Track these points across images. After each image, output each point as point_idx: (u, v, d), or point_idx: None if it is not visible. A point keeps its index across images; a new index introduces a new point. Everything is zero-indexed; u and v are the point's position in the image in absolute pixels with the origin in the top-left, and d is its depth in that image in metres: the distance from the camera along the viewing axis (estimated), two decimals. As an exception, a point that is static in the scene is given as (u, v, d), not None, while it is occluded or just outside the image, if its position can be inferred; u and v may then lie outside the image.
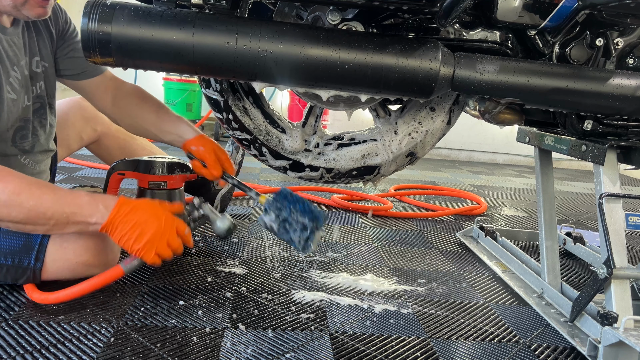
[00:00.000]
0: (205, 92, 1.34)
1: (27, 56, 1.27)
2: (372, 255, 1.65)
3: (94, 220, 1.08)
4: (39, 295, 1.12)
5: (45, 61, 1.33)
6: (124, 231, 1.09)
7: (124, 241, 1.09)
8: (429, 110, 1.38)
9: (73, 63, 1.40)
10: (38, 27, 1.30)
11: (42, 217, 1.04)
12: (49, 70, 1.35)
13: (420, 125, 1.38)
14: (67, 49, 1.39)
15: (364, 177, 1.44)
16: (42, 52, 1.32)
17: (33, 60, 1.29)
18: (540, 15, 1.12)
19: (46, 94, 1.35)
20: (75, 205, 1.07)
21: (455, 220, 2.23)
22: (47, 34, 1.33)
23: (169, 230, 1.11)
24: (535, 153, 1.49)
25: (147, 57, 1.03)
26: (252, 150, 1.43)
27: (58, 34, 1.36)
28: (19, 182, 1.04)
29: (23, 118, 1.28)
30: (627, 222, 1.18)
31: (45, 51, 1.32)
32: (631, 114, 1.15)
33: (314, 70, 1.05)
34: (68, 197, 1.08)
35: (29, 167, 1.34)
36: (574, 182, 3.89)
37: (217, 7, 1.06)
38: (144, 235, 1.09)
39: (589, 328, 1.15)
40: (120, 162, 1.50)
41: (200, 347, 1.01)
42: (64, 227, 1.08)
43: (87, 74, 1.42)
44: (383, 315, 1.22)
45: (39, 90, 1.32)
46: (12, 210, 1.02)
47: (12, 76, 1.20)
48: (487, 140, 4.73)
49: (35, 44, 1.30)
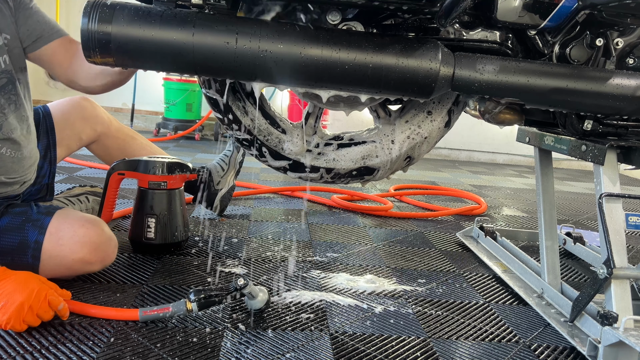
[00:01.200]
0: (205, 92, 1.34)
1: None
2: (372, 255, 1.65)
3: None
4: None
5: (7, 33, 1.25)
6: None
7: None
8: (427, 113, 1.39)
9: (27, 31, 1.29)
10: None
11: None
12: (12, 43, 1.27)
13: (420, 127, 1.38)
14: (24, 18, 1.29)
15: (363, 178, 1.44)
16: (1, 24, 1.24)
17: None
18: (540, 15, 1.12)
19: (13, 67, 1.27)
20: None
21: (455, 220, 2.23)
22: (4, 4, 1.25)
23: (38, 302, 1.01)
24: (535, 153, 1.49)
25: (147, 57, 1.03)
26: (252, 151, 1.43)
27: (15, 3, 1.28)
28: None
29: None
30: (627, 222, 1.17)
31: (4, 22, 1.24)
32: (631, 114, 1.15)
33: (314, 70, 1.05)
34: None
35: (8, 155, 1.27)
36: (574, 182, 3.89)
37: (217, 7, 1.06)
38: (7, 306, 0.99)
39: (589, 328, 1.15)
40: (120, 162, 1.50)
41: (200, 347, 1.01)
42: None
43: (43, 39, 1.31)
44: (383, 315, 1.22)
45: (2, 64, 1.24)
46: None
47: None
48: (487, 140, 4.73)
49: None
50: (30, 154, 1.36)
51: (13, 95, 1.28)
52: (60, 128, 1.57)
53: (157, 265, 1.41)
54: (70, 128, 1.63)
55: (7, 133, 1.26)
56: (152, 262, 1.42)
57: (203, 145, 4.04)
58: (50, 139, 1.53)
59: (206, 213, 1.95)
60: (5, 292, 1.01)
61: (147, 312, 1.08)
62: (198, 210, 1.98)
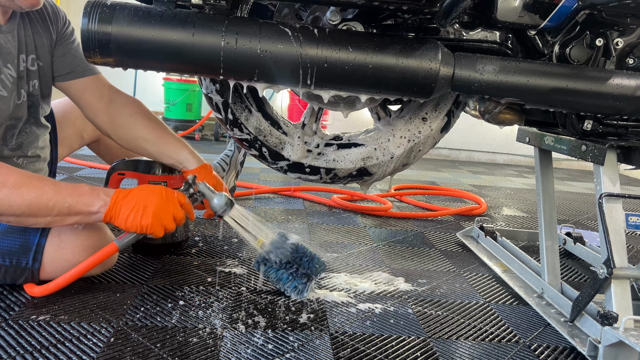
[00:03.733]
0: (205, 92, 1.34)
1: (23, 53, 1.25)
2: (372, 255, 1.65)
3: (96, 209, 1.09)
4: (38, 289, 1.13)
5: (42, 60, 1.31)
6: (128, 211, 1.10)
7: (130, 221, 1.10)
8: (423, 118, 1.39)
9: (62, 62, 1.36)
10: (36, 25, 1.29)
11: (43, 208, 1.05)
12: (45, 70, 1.33)
13: (419, 129, 1.38)
14: (62, 51, 1.36)
15: (362, 179, 1.44)
16: (39, 51, 1.30)
17: (29, 57, 1.27)
18: (540, 15, 1.12)
19: (40, 93, 1.33)
20: (76, 194, 1.08)
21: (455, 220, 2.23)
22: (46, 33, 1.31)
23: (171, 201, 1.13)
24: (535, 153, 1.49)
25: (147, 57, 1.03)
26: (252, 151, 1.43)
27: (57, 35, 1.35)
28: (19, 176, 1.05)
29: (14, 117, 1.27)
30: (627, 222, 1.17)
31: (42, 50, 1.31)
32: (631, 114, 1.15)
33: (313, 71, 1.05)
34: (69, 188, 1.09)
35: (23, 166, 1.33)
36: (574, 182, 3.89)
37: (217, 8, 1.06)
38: (148, 209, 1.10)
39: (589, 328, 1.15)
40: (120, 162, 1.50)
41: (200, 347, 1.01)
42: (66, 218, 1.09)
43: (75, 74, 1.36)
44: (383, 315, 1.22)
45: (31, 88, 1.30)
46: (13, 203, 1.03)
47: (5, 73, 1.19)
48: (487, 140, 4.73)
49: (32, 42, 1.28)
50: (43, 167, 1.43)
51: (34, 117, 1.34)
52: (62, 127, 1.57)
53: (157, 265, 1.41)
54: (71, 127, 1.63)
55: (27, 151, 1.35)
56: (152, 262, 1.42)
57: (203, 145, 4.04)
58: (52, 138, 1.53)
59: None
60: (140, 198, 1.11)
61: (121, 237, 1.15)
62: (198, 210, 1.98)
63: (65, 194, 1.07)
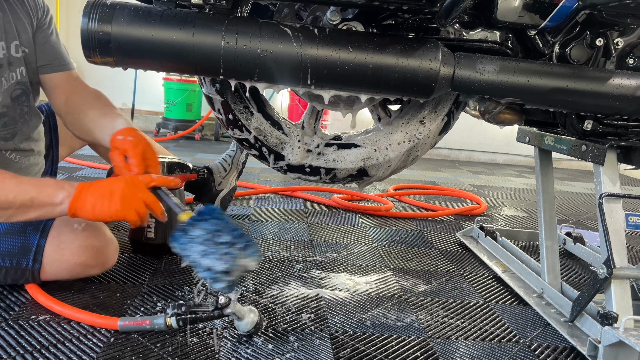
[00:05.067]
0: (205, 92, 1.34)
1: (3, 40, 1.20)
2: (372, 255, 1.65)
3: (60, 199, 1.04)
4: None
5: (26, 47, 1.26)
6: (94, 199, 1.04)
7: (98, 209, 1.03)
8: (422, 119, 1.39)
9: (42, 52, 1.30)
10: (16, 10, 1.24)
11: (4, 201, 1.02)
12: (29, 58, 1.28)
13: (419, 130, 1.38)
14: (43, 39, 1.31)
15: (362, 179, 1.44)
16: (22, 37, 1.25)
17: (12, 44, 1.23)
18: (540, 15, 1.12)
19: (29, 80, 1.29)
20: (39, 187, 1.05)
21: (455, 220, 2.23)
22: (27, 20, 1.26)
23: (137, 186, 1.07)
24: (535, 153, 1.49)
25: (147, 57, 1.03)
26: (252, 151, 1.42)
27: (38, 21, 1.30)
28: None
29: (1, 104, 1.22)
30: (627, 222, 1.18)
31: (25, 36, 1.26)
32: (631, 114, 1.15)
33: (314, 71, 1.05)
34: (32, 181, 1.07)
35: (16, 161, 1.30)
36: (574, 182, 3.89)
37: (217, 7, 1.06)
38: (115, 195, 1.03)
39: (589, 328, 1.15)
40: (120, 162, 1.49)
41: (200, 347, 1.01)
42: (29, 211, 1.04)
43: (50, 67, 1.32)
44: (383, 315, 1.22)
45: (19, 76, 1.26)
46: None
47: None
48: (487, 140, 4.73)
49: (13, 28, 1.23)
50: (38, 161, 1.40)
51: (26, 106, 1.31)
52: (63, 126, 1.57)
53: (157, 265, 1.41)
54: None
55: (18, 143, 1.30)
56: (152, 262, 1.42)
57: (203, 145, 4.04)
58: (53, 137, 1.53)
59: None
60: (104, 185, 1.06)
61: (126, 323, 1.03)
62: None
63: (27, 187, 1.04)
